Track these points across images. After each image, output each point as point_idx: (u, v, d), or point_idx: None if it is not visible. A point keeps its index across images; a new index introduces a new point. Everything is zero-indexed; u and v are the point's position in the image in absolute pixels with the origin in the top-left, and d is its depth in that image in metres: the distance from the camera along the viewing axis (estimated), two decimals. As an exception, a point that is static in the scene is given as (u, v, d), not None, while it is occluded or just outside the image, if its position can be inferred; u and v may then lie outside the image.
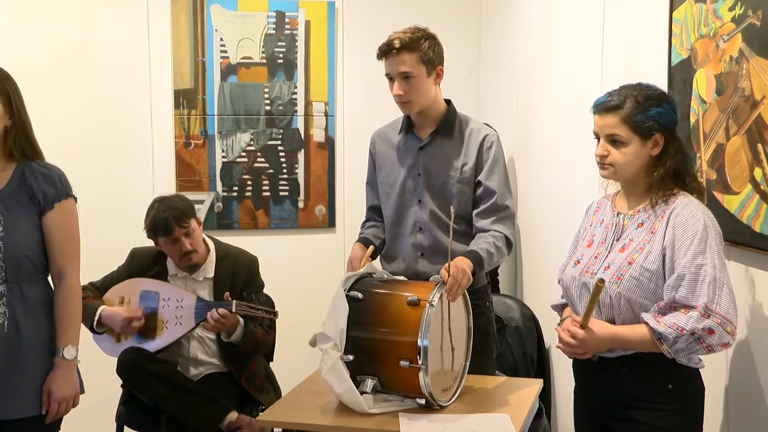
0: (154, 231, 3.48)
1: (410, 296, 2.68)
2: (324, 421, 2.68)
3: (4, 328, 2.51)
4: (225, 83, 4.63)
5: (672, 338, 2.17)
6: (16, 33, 4.35)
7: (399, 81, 2.98)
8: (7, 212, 2.53)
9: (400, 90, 2.99)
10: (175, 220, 3.43)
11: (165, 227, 3.43)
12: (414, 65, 2.97)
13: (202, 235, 3.60)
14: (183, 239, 3.46)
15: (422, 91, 3.02)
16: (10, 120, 2.56)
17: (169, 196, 3.63)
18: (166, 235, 3.45)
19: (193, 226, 3.50)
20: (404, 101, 3.01)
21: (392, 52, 2.97)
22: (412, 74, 2.98)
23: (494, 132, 3.13)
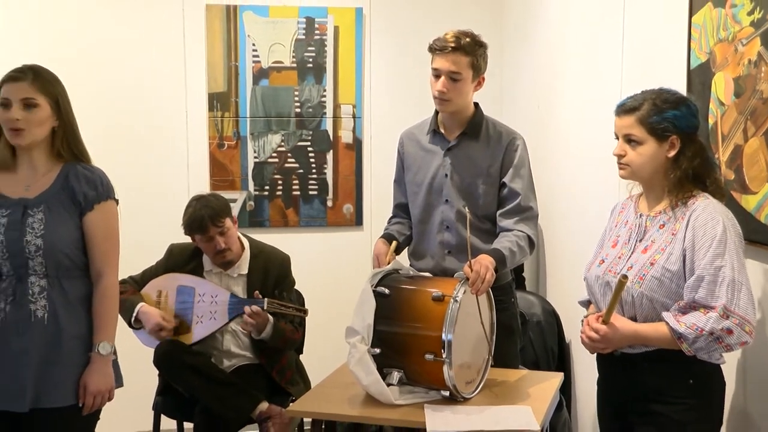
0: (190, 228, 3.50)
1: (435, 292, 2.67)
2: (352, 411, 2.68)
3: (44, 321, 2.53)
4: (257, 87, 4.63)
5: (692, 338, 2.16)
6: (59, 37, 4.38)
7: (445, 79, 2.95)
8: (49, 212, 2.55)
9: (443, 87, 2.95)
10: (210, 219, 3.44)
11: (200, 226, 3.45)
12: (464, 68, 2.95)
13: (237, 233, 3.60)
14: (217, 238, 3.47)
15: (463, 94, 3.00)
16: (57, 121, 2.58)
17: (205, 195, 3.64)
18: (201, 233, 3.47)
19: (228, 225, 3.50)
20: (444, 99, 2.98)
21: (447, 50, 2.93)
22: (460, 76, 2.95)
23: (520, 135, 3.11)
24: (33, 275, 2.53)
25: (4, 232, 2.52)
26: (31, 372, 2.50)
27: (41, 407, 2.51)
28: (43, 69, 2.60)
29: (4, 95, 2.52)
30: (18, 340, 2.51)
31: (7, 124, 2.52)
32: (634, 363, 2.34)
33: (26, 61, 2.64)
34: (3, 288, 2.53)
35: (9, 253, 2.51)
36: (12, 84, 2.53)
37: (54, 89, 2.58)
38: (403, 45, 4.71)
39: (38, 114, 2.53)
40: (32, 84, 2.53)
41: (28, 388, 2.49)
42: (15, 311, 2.52)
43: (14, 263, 2.52)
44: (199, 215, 3.44)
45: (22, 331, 2.51)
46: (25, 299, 2.52)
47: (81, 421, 2.59)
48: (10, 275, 2.54)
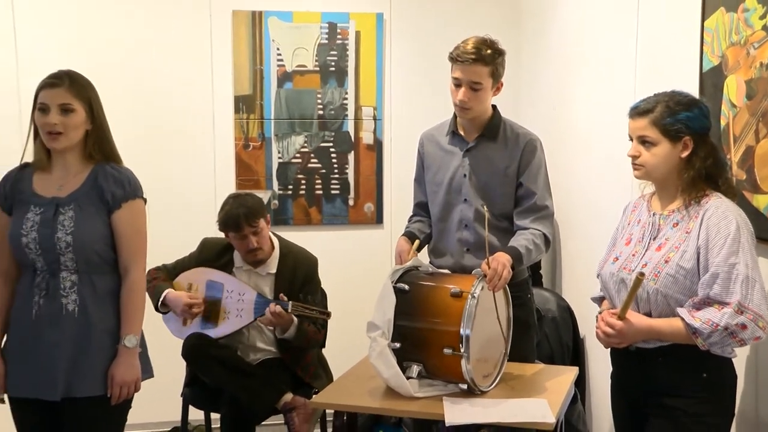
0: (225, 226, 3.50)
1: (453, 288, 2.68)
2: (373, 403, 2.69)
3: (75, 314, 2.56)
4: (281, 89, 4.65)
5: (707, 333, 2.16)
6: (93, 44, 4.40)
7: (466, 88, 2.94)
8: (80, 210, 2.58)
9: (465, 97, 2.94)
10: (244, 219, 3.44)
11: (235, 224, 3.46)
12: (485, 77, 2.94)
13: (269, 233, 3.61)
14: (250, 237, 3.47)
15: (483, 101, 3.00)
16: (91, 125, 2.61)
17: (242, 194, 3.65)
18: (235, 231, 3.48)
19: (261, 225, 3.50)
20: (465, 107, 2.98)
21: (468, 61, 2.91)
22: (480, 86, 2.94)
23: (537, 137, 3.11)
24: (64, 270, 2.56)
25: (38, 230, 2.55)
26: (63, 363, 2.53)
27: (72, 396, 2.55)
28: (78, 75, 2.64)
29: (42, 101, 2.56)
30: (50, 332, 2.54)
31: (45, 128, 2.55)
32: (648, 357, 2.33)
33: (63, 66, 2.67)
34: (37, 282, 2.57)
35: (42, 250, 2.55)
36: (49, 90, 2.56)
37: (88, 94, 2.61)
38: (422, 49, 4.71)
39: (74, 118, 2.56)
40: (68, 90, 2.56)
41: (60, 378, 2.53)
42: (48, 305, 2.55)
43: (47, 259, 2.55)
44: (235, 213, 3.45)
45: (54, 323, 2.55)
46: (57, 293, 2.55)
47: (111, 410, 2.61)
48: (43, 270, 2.57)
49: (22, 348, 2.58)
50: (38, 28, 4.38)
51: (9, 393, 2.62)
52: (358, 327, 2.81)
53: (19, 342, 2.60)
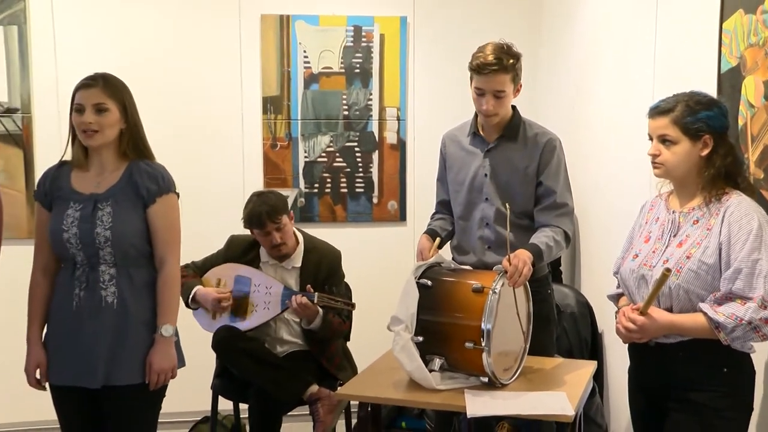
0: (249, 223, 3.52)
1: (475, 284, 2.67)
2: (396, 395, 2.69)
3: (114, 306, 2.58)
4: (308, 91, 4.65)
5: (730, 327, 2.14)
6: (130, 48, 4.43)
7: (490, 98, 2.92)
8: (117, 206, 2.59)
9: (490, 106, 2.93)
10: (267, 216, 3.46)
11: (259, 221, 3.47)
12: (507, 85, 2.92)
13: (293, 229, 3.62)
14: (274, 233, 3.49)
15: (507, 106, 3.00)
16: (125, 124, 2.63)
17: (265, 192, 3.67)
18: (259, 228, 3.49)
19: (284, 221, 3.51)
20: (491, 115, 2.97)
21: (490, 72, 2.88)
22: (504, 93, 2.93)
23: (556, 136, 3.09)
24: (103, 264, 2.58)
25: (78, 225, 2.57)
26: (102, 352, 2.55)
27: (112, 384, 2.57)
28: (112, 76, 2.66)
29: (78, 101, 2.58)
30: (91, 323, 2.57)
31: (81, 127, 2.57)
32: (668, 352, 2.31)
33: (101, 69, 2.69)
34: (77, 276, 2.59)
35: (82, 244, 2.57)
36: (85, 91, 2.58)
37: (122, 94, 2.63)
38: (444, 51, 4.69)
39: (108, 117, 2.58)
40: (103, 90, 2.58)
41: (100, 367, 2.55)
42: (88, 297, 2.58)
43: (87, 253, 2.58)
44: (258, 211, 3.47)
45: (94, 315, 2.57)
46: (97, 286, 2.57)
47: (148, 398, 2.64)
48: (83, 264, 2.59)
49: (64, 338, 2.60)
50: (77, 33, 4.41)
51: (51, 381, 2.65)
52: (382, 321, 2.81)
53: (60, 333, 2.62)
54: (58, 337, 2.63)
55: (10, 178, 4.37)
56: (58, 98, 4.29)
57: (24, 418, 4.12)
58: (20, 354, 2.66)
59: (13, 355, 2.71)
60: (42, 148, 4.36)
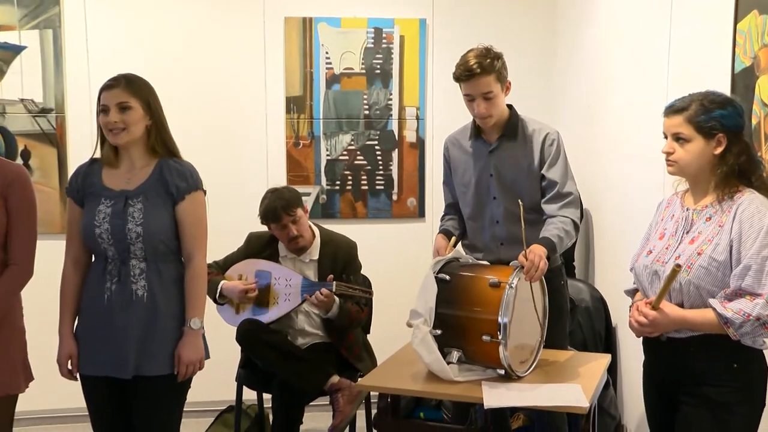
0: (265, 218, 3.54)
1: (492, 278, 2.66)
2: (415, 386, 2.69)
3: (144, 299, 2.58)
4: (329, 91, 4.65)
5: (738, 323, 2.11)
6: (158, 49, 4.45)
7: (480, 101, 2.94)
8: (147, 202, 2.60)
9: (482, 109, 2.95)
10: (282, 209, 3.48)
11: (274, 215, 3.49)
12: (493, 85, 2.94)
13: (308, 222, 3.63)
14: (290, 226, 3.50)
15: (499, 106, 3.00)
16: (150, 120, 2.63)
17: (279, 187, 3.67)
18: (275, 221, 3.51)
19: (299, 214, 3.53)
20: (486, 117, 2.98)
21: (473, 77, 2.91)
22: (492, 94, 2.94)
23: (554, 129, 3.10)
24: (134, 258, 2.59)
25: (110, 221, 2.58)
26: (132, 344, 2.56)
27: (141, 375, 2.58)
28: (135, 76, 2.66)
29: (103, 102, 2.59)
30: (121, 316, 2.57)
31: (107, 126, 2.58)
32: (680, 347, 2.29)
33: (132, 70, 2.69)
34: (109, 270, 2.60)
35: (114, 240, 2.57)
36: (108, 91, 2.59)
37: (144, 92, 2.63)
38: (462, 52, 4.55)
39: (132, 115, 2.58)
40: (125, 89, 2.59)
41: (130, 358, 2.56)
42: (119, 290, 2.58)
43: (118, 248, 2.58)
44: (273, 206, 3.49)
45: (125, 308, 2.57)
46: (128, 280, 2.58)
47: (175, 388, 2.64)
48: (114, 259, 2.60)
49: (95, 330, 2.61)
50: (108, 36, 4.44)
51: (82, 372, 2.65)
52: (402, 314, 2.80)
53: (92, 325, 2.63)
54: (89, 329, 2.64)
55: (45, 175, 4.41)
56: (90, 99, 4.29)
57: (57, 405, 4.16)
58: (54, 344, 2.67)
59: (47, 345, 2.73)
60: (75, 146, 4.39)
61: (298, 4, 4.58)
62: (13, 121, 4.38)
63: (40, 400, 3.29)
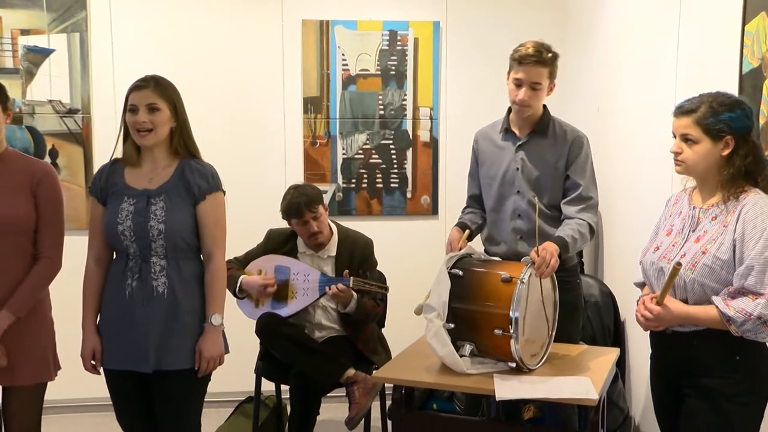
0: (287, 213, 3.54)
1: (504, 274, 2.65)
2: (428, 378, 2.69)
3: (164, 296, 2.58)
4: (346, 91, 4.65)
5: (740, 321, 2.11)
6: (182, 51, 4.47)
7: (527, 88, 2.94)
8: (169, 201, 2.59)
9: (525, 96, 2.95)
10: (305, 206, 3.48)
11: (297, 211, 3.49)
12: (544, 78, 2.94)
13: (327, 219, 3.63)
14: (311, 222, 3.51)
15: (540, 100, 3.01)
16: (175, 122, 2.63)
17: (302, 184, 3.68)
18: (297, 217, 3.51)
19: (320, 211, 3.54)
20: (525, 105, 2.97)
21: (531, 63, 2.90)
22: (540, 86, 2.95)
23: (584, 134, 3.09)
24: (155, 256, 2.58)
25: (132, 219, 2.58)
26: (153, 339, 2.56)
27: (162, 369, 2.58)
28: (162, 78, 2.66)
29: (132, 102, 2.59)
30: (142, 311, 2.57)
31: (135, 126, 2.58)
32: (684, 340, 2.29)
33: (156, 72, 2.70)
34: (130, 267, 2.60)
35: (136, 237, 2.57)
36: (138, 92, 2.59)
37: (172, 95, 2.63)
38: (475, 54, 4.67)
39: (160, 116, 2.58)
40: (154, 91, 2.59)
41: (151, 352, 2.56)
42: (140, 287, 2.58)
43: (140, 245, 2.58)
44: (296, 202, 3.49)
45: (146, 304, 2.57)
46: (149, 276, 2.58)
47: (196, 382, 2.64)
48: (136, 255, 2.60)
49: (117, 325, 2.62)
50: (132, 39, 4.45)
51: (105, 365, 2.66)
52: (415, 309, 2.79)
53: (114, 320, 2.63)
54: (111, 324, 2.64)
55: (71, 174, 4.44)
56: (115, 99, 4.33)
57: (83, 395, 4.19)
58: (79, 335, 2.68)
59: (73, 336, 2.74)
60: (100, 145, 4.42)
61: (315, 7, 4.58)
62: (42, 121, 4.41)
63: (67, 390, 3.31)
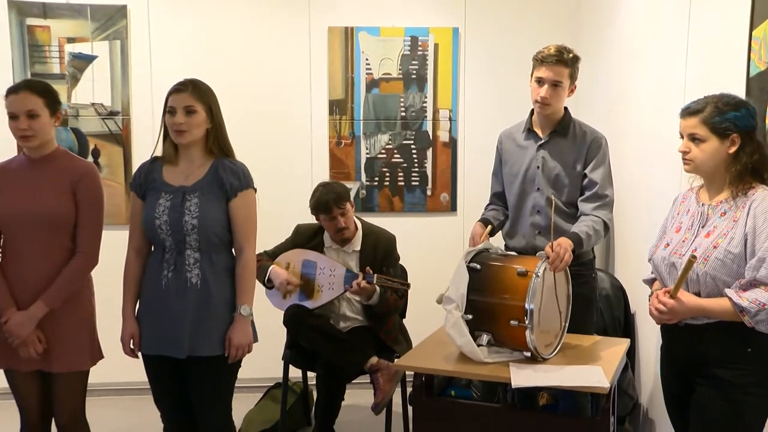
0: (316, 209, 3.56)
1: (520, 268, 2.65)
2: (447, 367, 2.69)
3: (198, 286, 2.60)
4: (369, 94, 4.66)
5: (754, 311, 2.09)
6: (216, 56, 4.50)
7: (548, 87, 2.94)
8: (203, 197, 2.61)
9: (546, 94, 2.95)
10: (334, 202, 3.49)
11: (326, 207, 3.51)
12: (564, 78, 2.95)
13: (353, 215, 3.64)
14: (339, 218, 3.52)
15: (561, 99, 3.00)
16: (210, 124, 2.65)
17: (330, 182, 3.70)
18: (326, 213, 3.52)
19: (347, 208, 3.55)
20: (545, 104, 2.97)
21: (552, 63, 2.92)
22: (561, 85, 2.95)
23: (602, 135, 3.08)
24: (189, 249, 2.60)
25: (168, 213, 2.60)
26: (187, 327, 2.58)
27: (195, 355, 2.60)
28: (200, 81, 2.67)
29: (171, 104, 2.61)
30: (177, 301, 2.60)
31: (173, 127, 2.60)
32: (696, 332, 2.27)
33: (189, 75, 2.72)
34: (166, 259, 2.62)
35: (172, 230, 2.60)
36: (176, 95, 2.61)
37: (208, 98, 2.64)
38: (492, 59, 4.66)
39: (196, 118, 2.60)
40: (192, 94, 2.60)
41: (185, 339, 2.58)
42: (175, 278, 2.61)
43: (175, 239, 2.60)
44: (325, 199, 3.50)
45: (180, 294, 2.59)
46: (183, 268, 2.60)
47: (227, 368, 2.66)
48: (171, 248, 2.62)
49: (154, 314, 2.65)
50: (169, 46, 4.49)
51: (142, 350, 2.70)
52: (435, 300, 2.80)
53: (151, 308, 2.67)
54: (148, 312, 2.67)
55: (112, 172, 4.49)
56: (152, 102, 4.38)
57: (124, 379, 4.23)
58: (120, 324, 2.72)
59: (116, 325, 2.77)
60: (138, 145, 4.46)
61: (340, 14, 4.59)
62: (85, 122, 4.47)
63: (109, 374, 3.35)
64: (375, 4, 4.61)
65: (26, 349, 2.65)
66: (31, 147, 2.71)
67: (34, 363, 2.70)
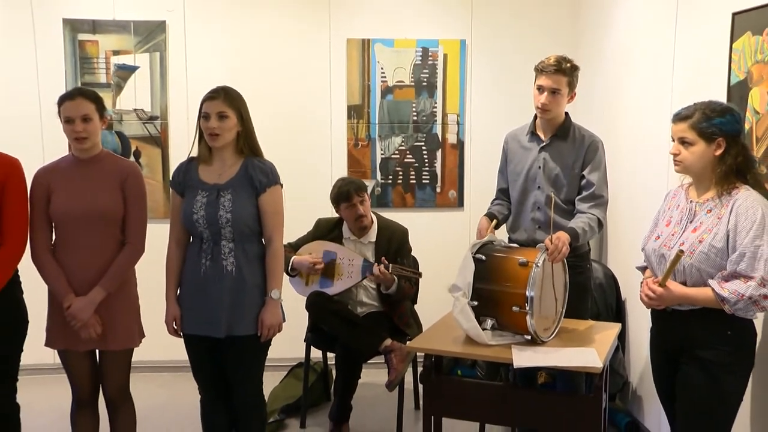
0: (338, 198, 3.59)
1: (521, 259, 2.66)
2: (455, 348, 2.70)
3: (233, 273, 2.64)
4: (384, 100, 4.68)
5: (734, 301, 2.11)
6: (244, 65, 4.52)
7: (548, 94, 2.95)
8: (235, 194, 2.65)
9: (546, 101, 2.95)
10: (354, 191, 3.54)
11: (347, 195, 3.55)
12: (563, 85, 2.94)
13: (369, 207, 3.68)
14: (358, 205, 3.56)
15: (560, 105, 3.00)
16: (240, 127, 2.68)
17: (348, 177, 3.73)
18: (347, 201, 3.56)
19: (366, 197, 3.59)
20: (546, 110, 2.98)
21: (551, 71, 2.92)
22: (559, 92, 2.95)
23: (600, 138, 3.08)
24: (224, 240, 2.64)
25: (205, 209, 2.64)
26: (224, 309, 2.62)
27: (232, 335, 2.65)
28: (231, 89, 2.70)
29: (205, 110, 2.64)
30: (214, 287, 2.64)
31: (207, 131, 2.63)
32: (683, 317, 2.29)
33: (221, 83, 2.75)
34: (204, 249, 2.66)
35: (208, 224, 2.64)
36: (210, 101, 2.64)
37: (238, 104, 2.67)
38: (496, 68, 4.66)
39: (228, 123, 2.63)
40: (224, 101, 2.63)
41: (223, 321, 2.63)
42: (212, 266, 2.65)
43: (211, 231, 2.64)
44: (346, 188, 3.55)
45: (217, 280, 2.63)
46: (219, 257, 2.64)
47: (259, 346, 2.71)
48: (208, 240, 2.66)
49: (194, 298, 2.69)
50: (203, 56, 4.52)
51: (184, 331, 2.74)
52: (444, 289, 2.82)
53: (191, 294, 2.70)
54: (189, 297, 2.71)
55: (151, 171, 4.54)
56: (187, 108, 4.42)
57: (165, 357, 4.29)
58: (163, 308, 2.76)
59: (157, 309, 2.82)
60: (175, 147, 4.50)
61: (358, 28, 4.61)
62: (128, 126, 4.52)
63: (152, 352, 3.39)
64: (389, 18, 4.63)
65: (87, 331, 2.70)
66: (83, 148, 2.75)
67: (92, 343, 2.75)
